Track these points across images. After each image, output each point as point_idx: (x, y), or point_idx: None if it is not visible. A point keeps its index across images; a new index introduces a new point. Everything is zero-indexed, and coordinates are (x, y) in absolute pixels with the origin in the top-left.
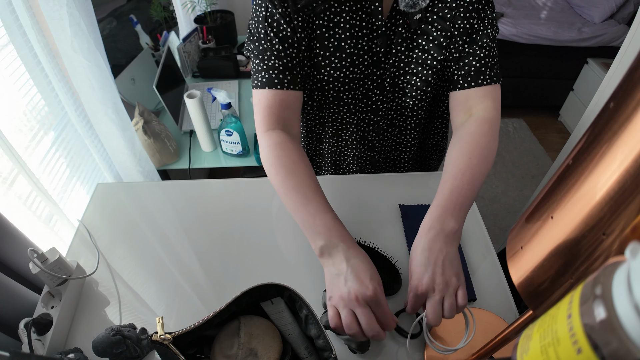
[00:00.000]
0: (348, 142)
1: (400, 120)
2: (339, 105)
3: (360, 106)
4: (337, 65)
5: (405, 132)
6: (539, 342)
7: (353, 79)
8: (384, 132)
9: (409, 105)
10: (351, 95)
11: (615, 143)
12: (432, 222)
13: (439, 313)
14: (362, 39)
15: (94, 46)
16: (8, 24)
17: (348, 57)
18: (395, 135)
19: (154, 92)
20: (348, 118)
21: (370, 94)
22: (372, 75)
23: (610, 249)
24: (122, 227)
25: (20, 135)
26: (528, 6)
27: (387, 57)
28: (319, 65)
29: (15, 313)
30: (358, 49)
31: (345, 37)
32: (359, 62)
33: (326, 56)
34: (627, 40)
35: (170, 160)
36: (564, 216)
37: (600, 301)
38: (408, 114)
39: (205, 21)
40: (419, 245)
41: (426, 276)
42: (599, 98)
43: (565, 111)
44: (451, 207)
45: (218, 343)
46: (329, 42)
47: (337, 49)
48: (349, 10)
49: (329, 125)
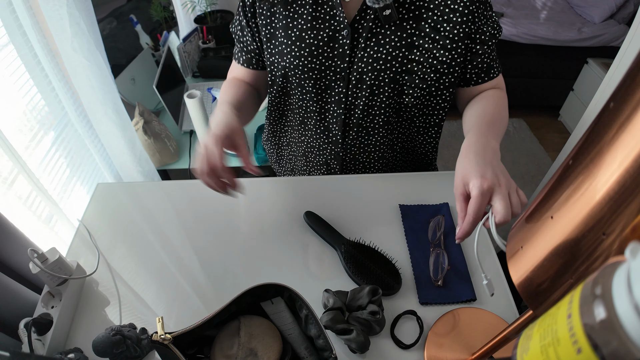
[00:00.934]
0: (312, 131)
1: (367, 120)
2: (302, 93)
3: (324, 96)
4: (296, 54)
5: (373, 131)
6: (539, 342)
7: (313, 69)
8: (349, 129)
9: (376, 103)
10: (311, 84)
11: (615, 143)
12: (476, 137)
13: (509, 208)
14: (323, 31)
15: (94, 46)
16: (8, 24)
17: (307, 47)
18: (362, 135)
19: (154, 92)
20: (311, 106)
21: (334, 85)
22: (335, 67)
23: (610, 249)
24: (122, 227)
25: (20, 135)
26: (528, 6)
27: (353, 51)
28: (282, 53)
29: (15, 313)
30: (318, 40)
31: (306, 28)
32: (318, 53)
33: (288, 44)
34: (627, 40)
35: (171, 160)
36: (564, 216)
37: (600, 301)
38: (375, 112)
39: (205, 21)
40: (469, 153)
41: (488, 172)
42: (599, 98)
43: (565, 111)
44: (492, 132)
45: (218, 343)
46: (292, 32)
47: (298, 39)
48: (313, 3)
49: (296, 112)
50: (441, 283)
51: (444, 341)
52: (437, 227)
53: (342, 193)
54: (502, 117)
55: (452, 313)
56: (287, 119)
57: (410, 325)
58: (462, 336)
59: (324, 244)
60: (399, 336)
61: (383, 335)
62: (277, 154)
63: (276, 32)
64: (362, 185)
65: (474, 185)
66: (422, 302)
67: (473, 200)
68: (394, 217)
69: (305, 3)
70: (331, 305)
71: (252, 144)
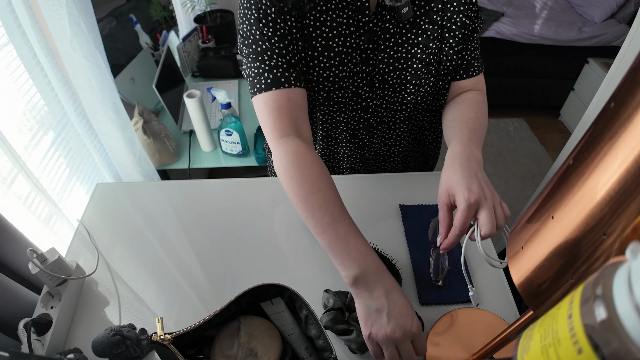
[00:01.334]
0: (338, 140)
1: (389, 117)
2: (330, 105)
3: (350, 104)
4: (326, 64)
5: (395, 127)
6: (539, 342)
7: (342, 78)
8: (374, 130)
9: (399, 100)
10: (341, 94)
11: (615, 143)
12: (461, 148)
13: (494, 221)
14: (349, 37)
15: (94, 46)
16: (8, 24)
17: (337, 55)
18: (385, 132)
19: (154, 92)
20: (339, 117)
21: (360, 92)
22: (361, 72)
23: (611, 249)
24: (121, 227)
25: (20, 135)
26: (528, 6)
27: (374, 53)
28: (307, 66)
29: (14, 313)
30: (347, 47)
31: (333, 36)
32: (347, 60)
33: (314, 56)
34: (627, 40)
35: (170, 160)
36: (564, 216)
37: (600, 301)
38: (397, 108)
39: (205, 21)
40: (455, 164)
41: (474, 185)
42: (599, 98)
43: (566, 111)
44: (474, 140)
45: (218, 343)
46: (317, 42)
47: (326, 48)
48: (336, 8)
49: (320, 126)
50: (441, 283)
51: (444, 341)
52: (437, 227)
53: (342, 193)
54: (482, 123)
55: (452, 313)
56: None
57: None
58: (462, 336)
59: None
60: None
61: None
62: None
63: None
64: (362, 185)
65: (461, 198)
66: (422, 302)
67: (460, 213)
68: (394, 217)
69: (327, 9)
70: (331, 305)
71: (252, 144)
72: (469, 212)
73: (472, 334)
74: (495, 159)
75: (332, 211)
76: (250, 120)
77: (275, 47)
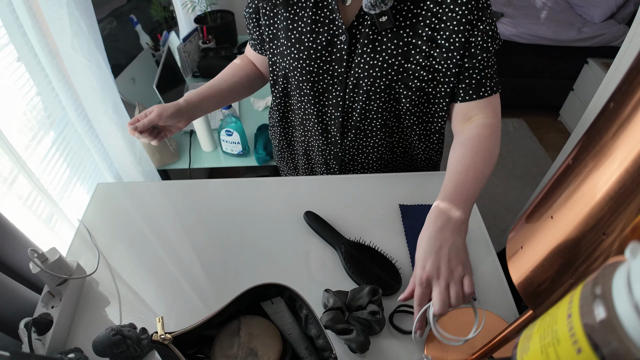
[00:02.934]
0: (311, 132)
1: (365, 123)
2: (301, 95)
3: (321, 99)
4: (295, 56)
5: (372, 134)
6: (539, 342)
7: (311, 72)
8: (347, 132)
9: (373, 108)
10: (309, 86)
11: (615, 143)
12: (438, 212)
13: (445, 301)
14: (322, 35)
15: (94, 46)
16: (8, 24)
17: (306, 50)
18: (361, 138)
19: (154, 92)
20: (309, 108)
21: (331, 89)
22: (333, 71)
23: (610, 248)
24: (122, 227)
25: (20, 135)
26: (528, 6)
27: (350, 56)
28: (282, 54)
29: (15, 313)
30: (317, 44)
31: (306, 31)
32: (316, 57)
33: (288, 46)
34: (627, 40)
35: (171, 160)
36: (564, 216)
37: (600, 301)
38: (372, 116)
39: (205, 21)
40: (425, 234)
41: (429, 263)
42: (599, 98)
43: (565, 111)
44: (457, 199)
45: (218, 343)
46: (292, 34)
47: (298, 41)
48: (313, 6)
49: (296, 112)
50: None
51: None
52: None
53: (342, 193)
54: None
55: (452, 313)
56: (289, 119)
57: (410, 318)
58: (462, 336)
59: (324, 244)
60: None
61: (383, 335)
62: (280, 151)
63: (278, 33)
64: (362, 185)
65: (414, 275)
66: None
67: (416, 289)
68: (394, 217)
69: (305, 6)
70: (331, 305)
71: (253, 144)
72: (420, 289)
73: None
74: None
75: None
76: (251, 120)
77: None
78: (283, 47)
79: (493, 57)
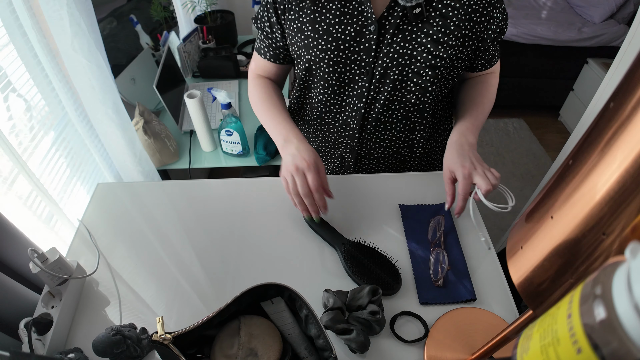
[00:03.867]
0: (330, 125)
1: (387, 115)
2: (325, 87)
3: (346, 89)
4: (323, 47)
5: (391, 126)
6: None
7: (338, 62)
8: (368, 125)
9: (397, 97)
10: (335, 77)
11: (615, 143)
12: (458, 135)
13: (487, 180)
14: (351, 26)
15: (94, 46)
16: (8, 24)
17: (334, 41)
18: (379, 130)
19: (154, 92)
20: (332, 99)
21: (357, 79)
22: (360, 61)
23: (610, 248)
24: (122, 227)
25: (20, 135)
26: (528, 6)
27: (379, 46)
28: (308, 46)
29: (15, 313)
30: (345, 34)
31: (334, 23)
32: (344, 47)
33: (315, 37)
34: (627, 40)
35: (171, 160)
36: (564, 216)
37: (600, 301)
38: (395, 107)
39: (205, 21)
40: (453, 150)
41: (467, 162)
42: (599, 98)
43: (565, 111)
44: (471, 128)
45: (218, 343)
46: (319, 26)
47: (325, 33)
48: None
49: (314, 106)
50: (441, 283)
51: (444, 341)
52: (437, 227)
53: (342, 193)
54: (486, 108)
55: (452, 313)
56: (304, 113)
57: (411, 324)
58: (462, 336)
59: (324, 243)
60: (400, 334)
61: (383, 335)
62: None
63: (303, 26)
64: (362, 185)
65: (459, 172)
66: (422, 302)
67: (460, 183)
68: (394, 217)
69: None
70: (331, 305)
71: (253, 144)
72: (465, 181)
73: (472, 334)
74: (494, 158)
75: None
76: (251, 120)
77: (265, 31)
78: (309, 39)
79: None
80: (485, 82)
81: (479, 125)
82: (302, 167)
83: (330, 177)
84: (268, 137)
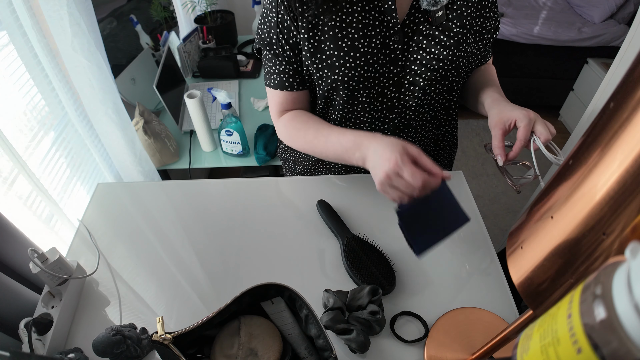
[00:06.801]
0: None
1: (417, 120)
2: (353, 105)
3: (375, 105)
4: (351, 64)
5: (421, 129)
6: (539, 341)
7: (368, 78)
8: (399, 132)
9: (427, 101)
10: (366, 93)
11: (615, 143)
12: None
13: (547, 130)
14: (375, 37)
15: (94, 46)
16: (8, 24)
17: (362, 56)
18: (411, 135)
19: (154, 92)
20: (362, 117)
21: (386, 92)
22: (388, 72)
23: (611, 248)
24: (122, 227)
25: (20, 135)
26: (528, 6)
27: (404, 54)
28: (332, 66)
29: (15, 313)
30: (372, 47)
31: (358, 37)
32: (373, 61)
33: (340, 56)
34: (627, 40)
35: (171, 160)
36: (564, 216)
37: (600, 301)
38: (425, 110)
39: (205, 21)
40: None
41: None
42: (599, 98)
43: (565, 111)
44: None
45: (218, 343)
46: (342, 42)
47: (351, 49)
48: (361, 10)
49: (339, 121)
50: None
51: (444, 341)
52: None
53: (342, 193)
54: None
55: (452, 313)
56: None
57: (411, 324)
58: (462, 336)
59: (324, 244)
60: (400, 334)
61: (383, 335)
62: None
63: (322, 45)
64: (362, 185)
65: (522, 117)
66: (419, 253)
67: (522, 128)
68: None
69: (353, 11)
70: (331, 305)
71: (253, 144)
72: (529, 126)
73: (472, 334)
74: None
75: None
76: (251, 120)
77: (286, 55)
78: (333, 58)
79: None
80: (490, 68)
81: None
82: (392, 170)
83: (354, 177)
84: (268, 137)
